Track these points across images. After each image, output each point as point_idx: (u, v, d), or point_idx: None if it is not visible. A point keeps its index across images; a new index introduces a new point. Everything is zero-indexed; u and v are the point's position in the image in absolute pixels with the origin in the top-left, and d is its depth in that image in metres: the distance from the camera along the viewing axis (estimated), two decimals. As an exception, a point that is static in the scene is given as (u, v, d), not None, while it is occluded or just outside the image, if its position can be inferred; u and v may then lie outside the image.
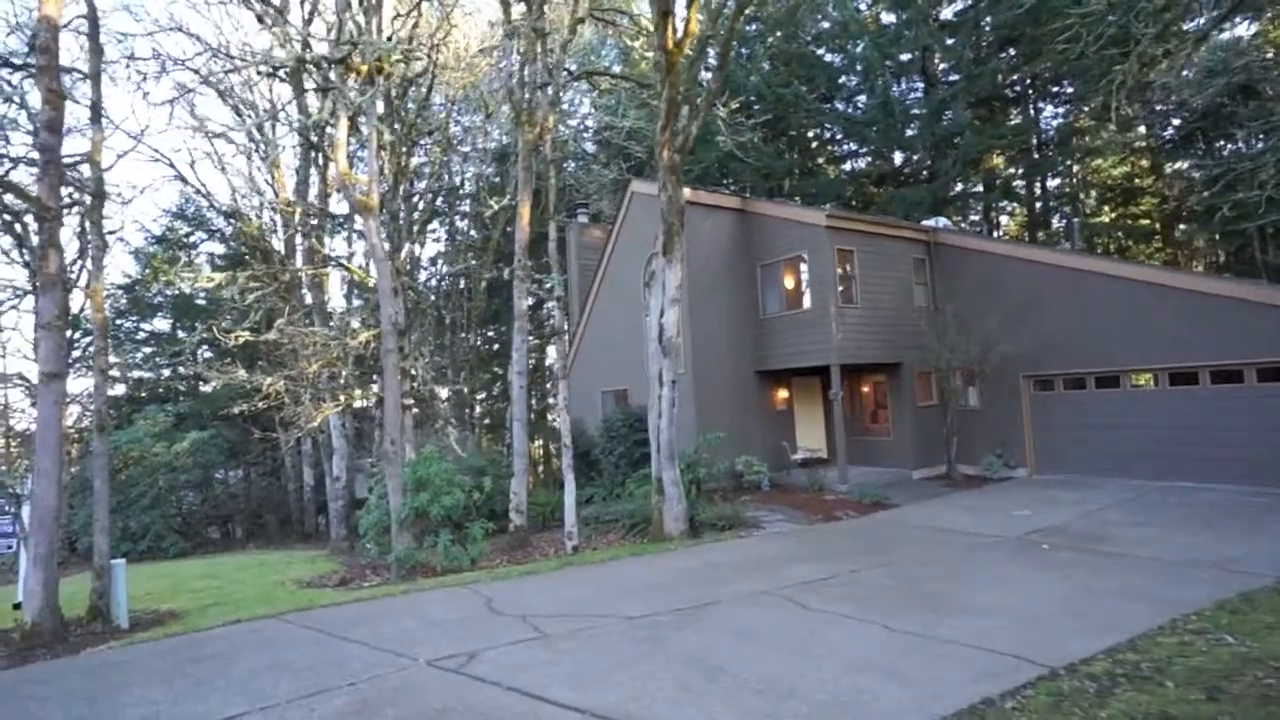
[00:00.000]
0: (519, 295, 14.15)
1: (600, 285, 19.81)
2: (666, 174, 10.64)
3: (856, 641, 5.55)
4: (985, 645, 5.37)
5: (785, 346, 15.89)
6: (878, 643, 5.51)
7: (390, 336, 10.07)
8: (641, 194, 18.06)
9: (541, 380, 32.64)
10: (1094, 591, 6.94)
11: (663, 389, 11.61)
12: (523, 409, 14.21)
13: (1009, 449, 15.25)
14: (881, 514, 12.25)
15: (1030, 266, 15.03)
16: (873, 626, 5.91)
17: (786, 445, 16.87)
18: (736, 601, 6.86)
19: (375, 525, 11.05)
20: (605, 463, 17.60)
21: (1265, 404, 11.97)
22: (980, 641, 5.47)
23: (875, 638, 5.63)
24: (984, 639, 5.52)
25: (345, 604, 7.64)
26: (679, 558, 9.51)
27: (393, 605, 7.46)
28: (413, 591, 8.08)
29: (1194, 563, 8.00)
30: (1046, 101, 27.43)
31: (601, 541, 13.50)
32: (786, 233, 15.81)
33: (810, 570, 8.11)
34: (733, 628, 6.01)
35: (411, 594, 7.98)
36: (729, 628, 6.01)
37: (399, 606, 7.39)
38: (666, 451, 11.71)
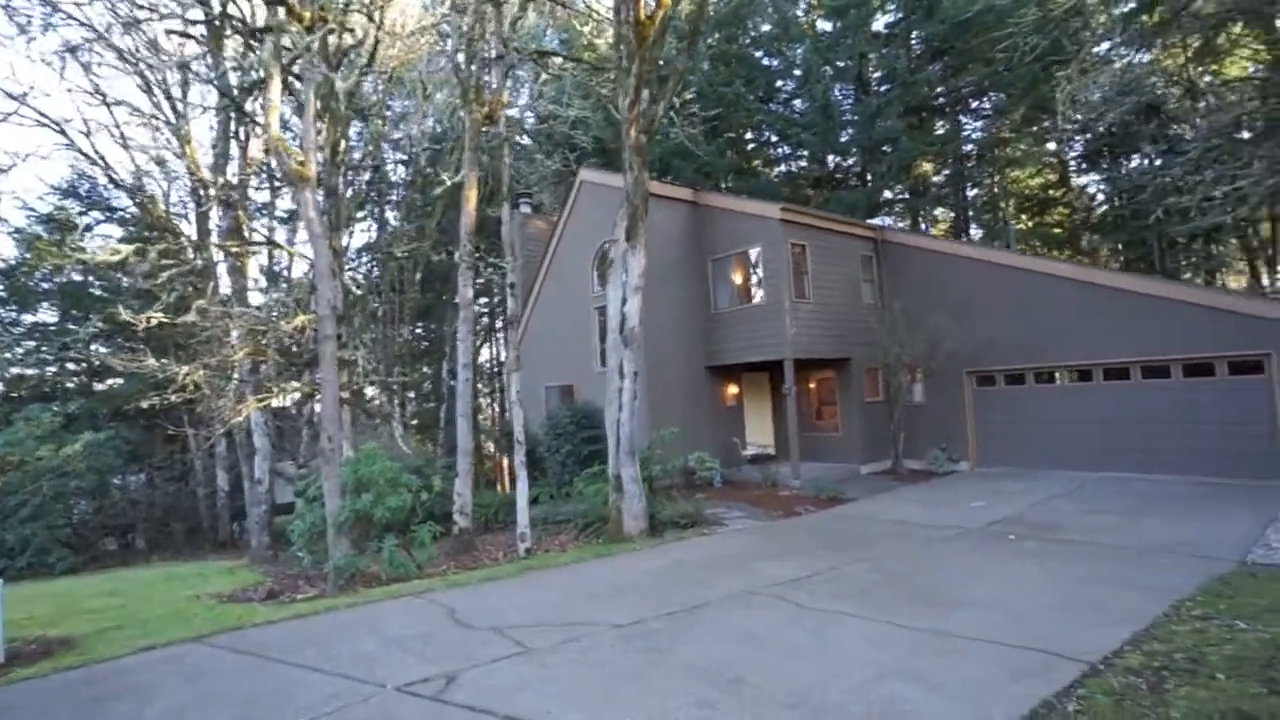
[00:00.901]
0: (464, 283, 13.23)
1: (545, 277, 19.01)
2: (633, 154, 10.06)
3: (869, 642, 5.14)
4: (1001, 639, 5.07)
5: (737, 341, 15.59)
6: (890, 642, 5.11)
7: (328, 322, 9.04)
8: (591, 183, 17.41)
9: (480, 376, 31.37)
10: (1076, 580, 6.83)
11: (624, 381, 11.02)
12: (468, 404, 13.29)
13: (952, 443, 15.48)
14: (839, 509, 12.06)
15: (973, 265, 15.31)
16: (878, 625, 5.52)
17: (737, 441, 16.58)
18: (726, 603, 6.35)
19: (308, 531, 9.93)
20: (551, 461, 16.83)
21: (1192, 398, 12.51)
22: (993, 635, 5.17)
23: (886, 637, 5.24)
24: (995, 633, 5.22)
25: (283, 621, 6.64)
26: (646, 558, 8.93)
27: (341, 620, 6.53)
28: (361, 604, 7.15)
29: (1154, 548, 8.09)
30: (968, 116, 28.52)
31: (553, 543, 12.76)
32: (739, 226, 15.52)
33: (789, 567, 7.71)
34: (733, 632, 5.49)
35: (360, 607, 7.05)
36: (729, 632, 5.49)
37: (349, 622, 6.47)
38: (627, 447, 11.12)
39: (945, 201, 28.46)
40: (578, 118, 19.48)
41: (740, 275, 15.92)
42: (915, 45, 26.42)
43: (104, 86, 15.96)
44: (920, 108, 27.12)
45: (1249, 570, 7.09)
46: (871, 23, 27.00)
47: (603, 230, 16.78)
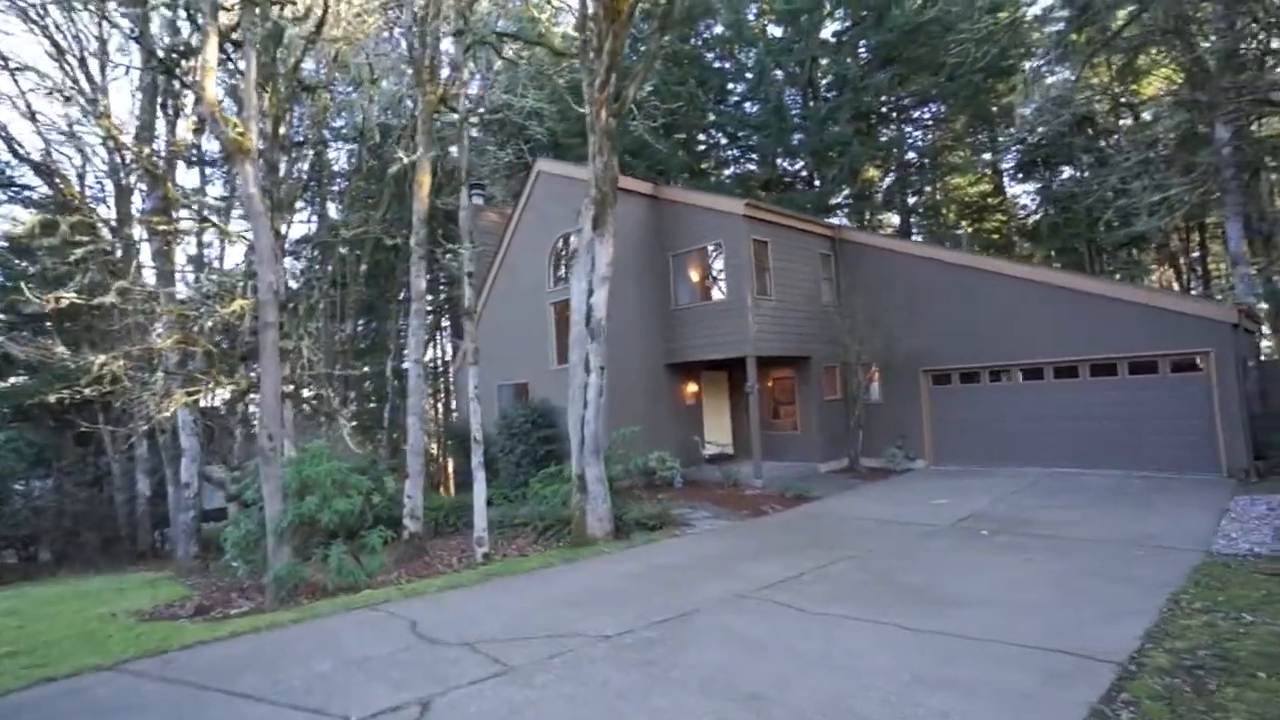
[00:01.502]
0: (416, 274, 12.38)
1: (498, 272, 18.22)
2: (602, 138, 9.52)
3: (882, 647, 4.75)
4: (1015, 639, 4.77)
5: (698, 338, 15.22)
6: (904, 646, 4.74)
7: (270, 308, 8.13)
8: (548, 174, 16.76)
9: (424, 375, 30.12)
10: (1063, 574, 6.67)
11: (589, 376, 10.45)
12: (419, 401, 12.45)
13: (909, 441, 15.51)
14: (806, 507, 11.81)
15: (929, 265, 15.40)
16: (884, 627, 5.15)
17: (698, 440, 16.20)
18: (718, 608, 5.88)
19: (245, 538, 8.94)
20: (504, 462, 16.09)
21: (1136, 396, 12.83)
22: (1005, 635, 4.87)
23: (897, 641, 4.87)
24: (1006, 632, 4.93)
25: (218, 641, 5.79)
26: (618, 562, 8.39)
27: (287, 639, 5.73)
28: (308, 618, 6.34)
29: (1123, 541, 8.07)
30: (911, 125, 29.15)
31: (510, 548, 12.04)
32: (701, 221, 15.16)
33: (772, 568, 7.31)
34: (734, 640, 5.02)
35: (307, 622, 6.24)
36: (730, 640, 5.02)
37: (297, 640, 5.68)
38: (592, 445, 10.56)
39: (890, 206, 28.96)
40: (533, 109, 18.79)
41: (702, 271, 15.57)
42: (864, 53, 26.79)
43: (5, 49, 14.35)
44: (868, 114, 27.55)
45: (1221, 561, 7.09)
46: (821, 29, 27.29)
47: (561, 223, 16.17)
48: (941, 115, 28.01)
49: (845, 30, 27.33)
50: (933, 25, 23.89)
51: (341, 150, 28.04)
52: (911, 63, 24.82)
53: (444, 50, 13.55)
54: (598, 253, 10.29)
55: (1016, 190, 29.35)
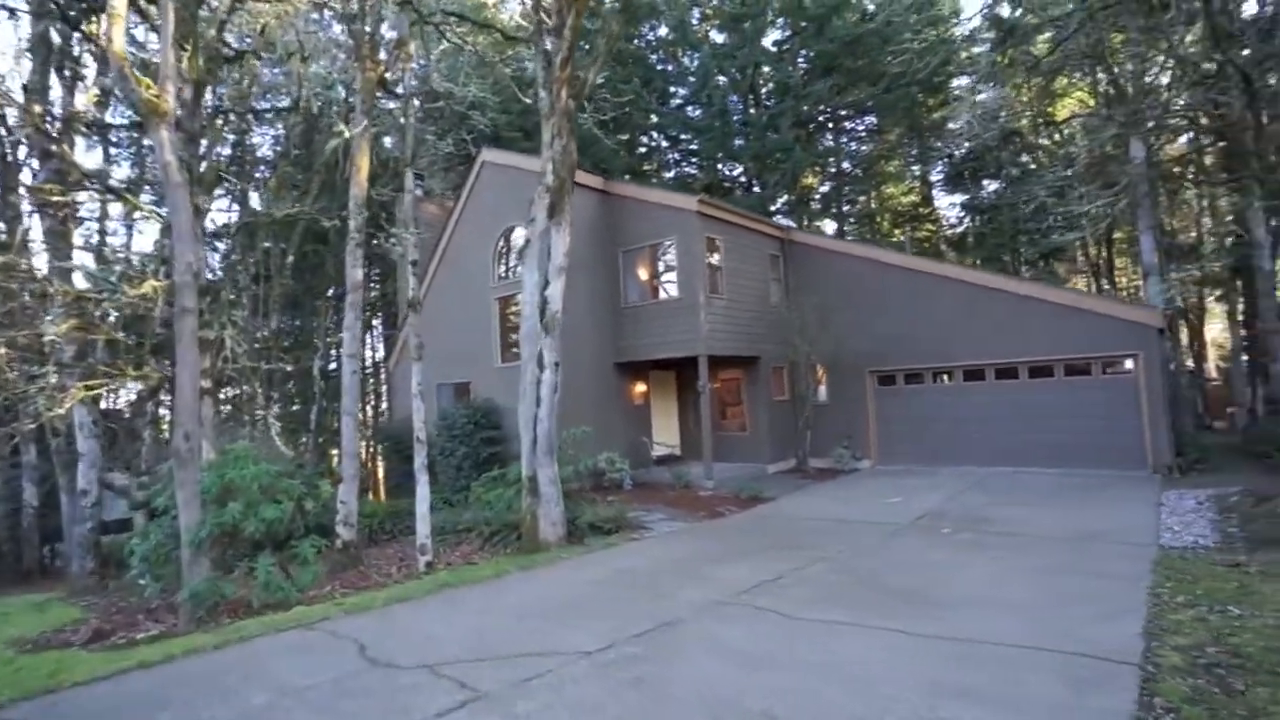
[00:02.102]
0: (352, 263, 11.45)
1: (438, 266, 17.28)
2: (561, 119, 8.97)
3: (888, 655, 4.41)
4: (1020, 641, 4.53)
5: (649, 337, 14.80)
6: (911, 654, 4.42)
7: (187, 292, 7.16)
8: (494, 164, 16.02)
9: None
10: (1036, 570, 6.57)
11: (543, 372, 9.84)
12: (355, 400, 11.51)
13: (855, 441, 15.56)
14: (761, 508, 11.55)
15: (876, 267, 15.52)
16: (883, 633, 4.83)
17: (647, 441, 15.77)
18: (700, 617, 5.43)
19: (155, 551, 7.86)
20: (444, 465, 15.20)
21: (1071, 396, 13.24)
22: (1007, 637, 4.63)
23: (901, 648, 4.54)
24: (1006, 634, 4.69)
25: (121, 674, 4.89)
26: (579, 568, 7.84)
27: (210, 668, 4.90)
28: (233, 642, 5.49)
29: (1080, 537, 8.13)
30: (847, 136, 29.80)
31: (455, 555, 11.27)
32: (654, 217, 14.77)
33: (745, 572, 6.93)
34: (729, 653, 4.57)
35: (233, 646, 5.40)
36: (724, 653, 4.57)
37: (221, 669, 4.86)
38: (545, 445, 9.95)
39: (827, 213, 29.48)
40: (475, 99, 17.97)
41: (653, 269, 15.17)
42: (804, 63, 27.13)
43: None
44: (807, 122, 27.93)
45: (1176, 554, 7.19)
46: (764, 36, 27.50)
47: (507, 214, 15.45)
48: (877, 127, 28.73)
49: (786, 39, 27.64)
50: (872, 37, 24.44)
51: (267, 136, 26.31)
52: (851, 73, 25.29)
53: (385, 32, 12.70)
54: (554, 242, 9.71)
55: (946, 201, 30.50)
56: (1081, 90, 25.01)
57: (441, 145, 20.32)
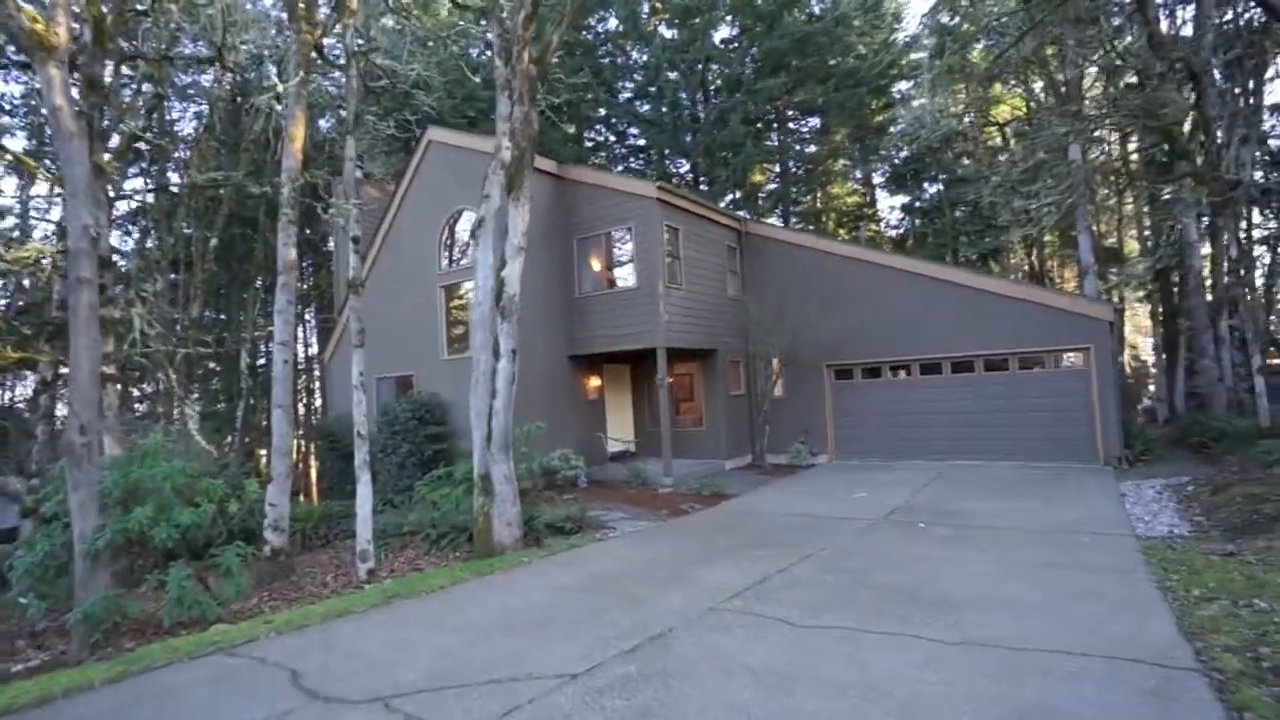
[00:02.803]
0: (284, 241, 10.31)
1: (379, 252, 16.07)
2: (522, 83, 8.15)
3: (929, 670, 3.84)
4: (1061, 647, 4.07)
5: (605, 328, 14.08)
6: (953, 665, 3.88)
7: (84, 260, 6.01)
8: (441, 144, 14.96)
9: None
10: (1030, 565, 6.22)
11: (499, 361, 8.99)
12: (287, 391, 10.36)
13: (811, 437, 15.26)
14: (726, 505, 11.01)
15: (833, 260, 15.26)
16: (907, 641, 4.29)
17: (602, 437, 15.04)
18: (694, 627, 4.77)
19: (41, 564, 6.62)
20: (386, 463, 14.07)
21: (1025, 390, 13.26)
22: (1044, 642, 4.16)
23: (939, 659, 3.99)
24: (1041, 638, 4.23)
25: (-16, 721, 3.86)
26: (541, 573, 7.05)
27: (101, 709, 3.91)
28: (134, 673, 4.47)
29: (1056, 530, 7.91)
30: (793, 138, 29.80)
31: (398, 561, 10.28)
32: (610, 204, 14.06)
33: (729, 574, 6.32)
34: (742, 671, 3.92)
35: (134, 678, 4.39)
36: (736, 671, 3.91)
37: (116, 710, 3.88)
38: (500, 440, 9.10)
39: (774, 211, 29.40)
40: (420, 78, 16.82)
41: (609, 257, 14.46)
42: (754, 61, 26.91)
43: None
44: (757, 120, 27.76)
45: (1162, 544, 6.99)
46: (715, 31, 27.18)
47: (455, 197, 14.44)
48: (824, 127, 28.82)
49: (737, 36, 27.39)
50: (821, 37, 24.43)
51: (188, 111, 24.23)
52: (800, 71, 25.21)
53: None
54: (511, 219, 8.88)
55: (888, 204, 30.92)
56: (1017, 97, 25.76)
57: (383, 126, 19.09)
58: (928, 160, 26.47)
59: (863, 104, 25.33)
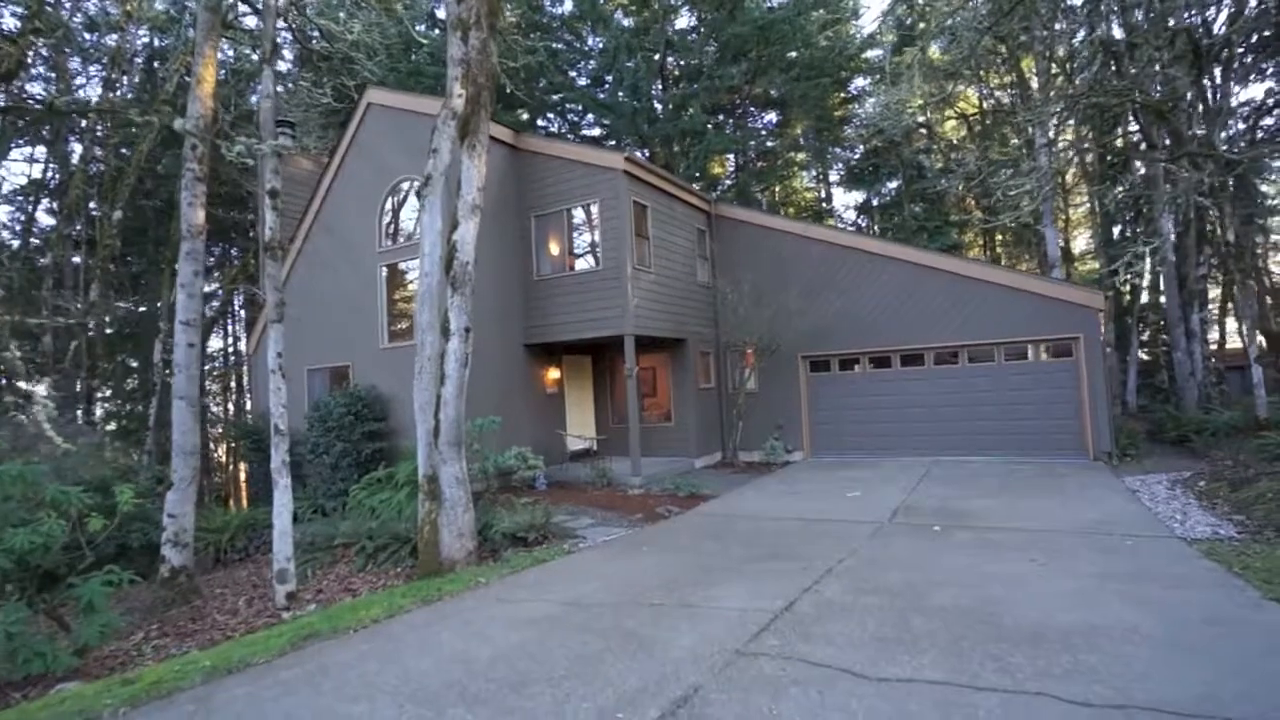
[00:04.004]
0: (189, 200, 8.54)
1: (311, 230, 14.16)
2: (481, 5, 6.66)
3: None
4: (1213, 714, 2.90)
5: (566, 314, 12.63)
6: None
7: None
8: (382, 107, 13.20)
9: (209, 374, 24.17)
10: (1097, 578, 5.15)
11: (449, 341, 7.46)
12: (192, 380, 8.58)
13: (786, 432, 14.18)
14: (706, 507, 9.74)
15: (809, 244, 14.22)
16: (1035, 703, 3.06)
17: (562, 434, 13.57)
18: (728, 685, 3.42)
19: None
20: (316, 465, 12.28)
21: (1011, 382, 12.48)
22: (1233, 705, 2.99)
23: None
24: (1224, 695, 3.06)
25: None
26: (504, 599, 5.58)
27: None
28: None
29: (1085, 530, 7.01)
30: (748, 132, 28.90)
31: (327, 579, 8.63)
32: (573, 177, 12.62)
33: (741, 597, 5.02)
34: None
35: None
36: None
37: None
38: (450, 435, 7.58)
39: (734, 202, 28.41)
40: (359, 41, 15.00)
41: (571, 236, 13.02)
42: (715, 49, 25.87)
43: None
44: (716, 110, 26.74)
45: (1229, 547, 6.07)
46: (675, 19, 26.04)
47: (397, 166, 12.70)
48: (784, 120, 28.04)
49: (698, 23, 26.30)
50: (783, 24, 23.53)
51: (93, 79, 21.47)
52: (762, 59, 24.29)
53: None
54: (465, 173, 7.37)
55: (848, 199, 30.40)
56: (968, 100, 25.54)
57: (319, 92, 17.11)
58: (889, 155, 25.94)
59: (827, 93, 24.58)
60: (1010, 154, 23.62)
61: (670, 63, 26.41)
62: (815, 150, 28.28)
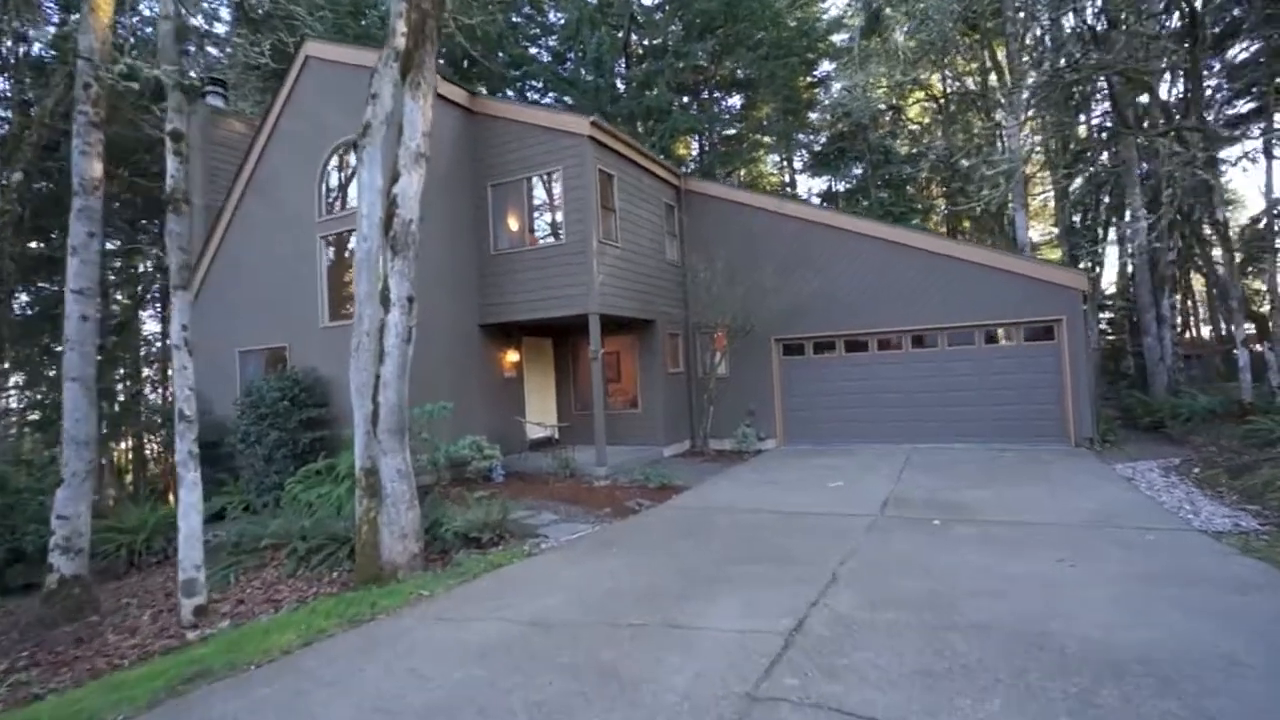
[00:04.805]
0: (83, 149, 7.19)
1: (243, 197, 12.72)
2: (425, -89, 5.56)
3: None
4: None
5: (525, 292, 11.57)
6: None
7: None
8: (322, 61, 11.84)
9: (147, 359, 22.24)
10: (1140, 579, 4.47)
11: (390, 313, 6.36)
12: (86, 359, 7.27)
13: (758, 419, 13.41)
14: (680, 500, 8.87)
15: (782, 221, 13.40)
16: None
17: (521, 421, 12.53)
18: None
19: None
20: (250, 457, 10.96)
21: (990, 366, 11.93)
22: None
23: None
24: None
25: None
26: (449, 617, 4.58)
27: None
28: None
29: (1092, 523, 6.40)
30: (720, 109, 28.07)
31: (252, 586, 7.47)
32: (534, 144, 11.52)
33: (737, 615, 4.14)
34: None
35: None
36: None
37: None
38: (392, 422, 6.50)
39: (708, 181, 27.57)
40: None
41: (531, 208, 11.93)
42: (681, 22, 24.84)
43: None
44: (682, 88, 25.77)
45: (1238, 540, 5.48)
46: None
47: (339, 127, 11.37)
48: (750, 102, 27.25)
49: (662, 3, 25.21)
50: (751, 1, 22.65)
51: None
52: (730, 37, 23.39)
53: None
54: (409, 117, 6.26)
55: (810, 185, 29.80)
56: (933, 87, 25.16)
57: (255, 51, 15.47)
58: (855, 139, 25.38)
59: (794, 73, 23.84)
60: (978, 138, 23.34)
61: (635, 40, 25.30)
62: (780, 133, 27.58)
